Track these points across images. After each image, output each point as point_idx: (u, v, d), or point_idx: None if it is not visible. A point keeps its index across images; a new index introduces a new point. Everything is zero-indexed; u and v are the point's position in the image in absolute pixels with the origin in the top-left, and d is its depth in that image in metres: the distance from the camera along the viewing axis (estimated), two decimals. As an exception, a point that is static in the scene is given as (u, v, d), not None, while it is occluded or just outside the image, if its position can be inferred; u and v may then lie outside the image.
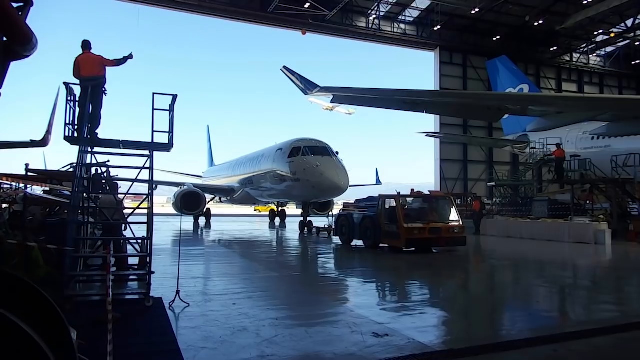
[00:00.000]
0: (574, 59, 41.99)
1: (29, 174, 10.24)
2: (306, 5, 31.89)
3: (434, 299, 8.09)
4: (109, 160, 9.40)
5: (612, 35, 38.31)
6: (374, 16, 35.44)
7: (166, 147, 8.01)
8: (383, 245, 14.74)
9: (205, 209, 28.51)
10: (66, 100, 7.81)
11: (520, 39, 38.46)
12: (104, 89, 8.20)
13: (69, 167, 12.89)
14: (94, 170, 9.76)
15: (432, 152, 39.03)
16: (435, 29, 35.84)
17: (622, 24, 36.13)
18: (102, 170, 10.59)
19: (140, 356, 4.60)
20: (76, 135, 7.83)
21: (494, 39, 37.91)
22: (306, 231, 21.87)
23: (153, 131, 7.71)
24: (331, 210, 27.37)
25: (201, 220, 30.20)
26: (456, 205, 15.50)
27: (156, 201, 10.26)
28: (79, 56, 8.13)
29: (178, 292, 6.73)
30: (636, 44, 40.01)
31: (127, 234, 8.96)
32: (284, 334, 5.25)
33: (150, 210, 7.43)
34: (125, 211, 8.94)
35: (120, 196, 9.51)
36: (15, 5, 2.44)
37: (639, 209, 21.50)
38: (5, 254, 6.83)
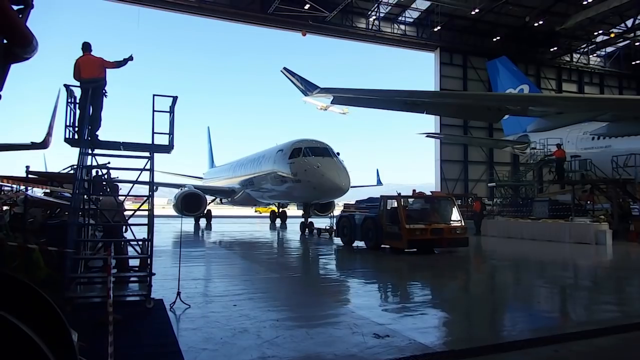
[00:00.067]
0: (574, 60, 42.01)
1: (30, 176, 10.25)
2: (306, 7, 31.93)
3: (435, 299, 8.07)
4: (109, 162, 9.43)
5: (612, 35, 38.34)
6: (374, 17, 35.47)
7: (166, 149, 8.01)
8: (384, 246, 14.71)
9: (206, 211, 28.48)
10: (66, 102, 7.80)
11: (521, 39, 38.46)
12: (104, 91, 8.19)
13: (69, 169, 12.90)
14: (95, 172, 9.78)
15: (433, 153, 39.07)
16: (435, 29, 35.90)
17: (622, 24, 36.14)
18: (103, 172, 10.62)
19: (141, 358, 4.60)
20: (76, 137, 7.81)
21: (494, 39, 37.94)
22: (307, 232, 21.84)
23: (153, 133, 7.71)
24: (332, 211, 27.39)
25: (202, 222, 30.21)
26: (457, 206, 15.47)
27: (157, 203, 10.27)
28: (79, 58, 8.11)
29: (179, 294, 6.73)
30: (636, 44, 40.01)
31: (128, 235, 8.97)
32: (285, 335, 5.25)
33: (150, 212, 7.42)
34: (126, 213, 8.95)
35: (121, 198, 9.52)
36: (16, 7, 2.44)
37: (639, 209, 21.49)
38: (6, 255, 6.84)
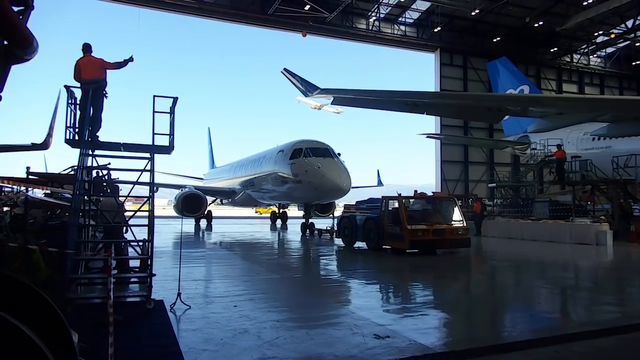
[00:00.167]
0: (575, 60, 42.00)
1: (30, 177, 10.28)
2: (306, 8, 31.94)
3: (435, 300, 8.06)
4: (109, 163, 9.44)
5: (613, 36, 38.33)
6: (374, 18, 35.47)
7: (167, 150, 8.02)
8: (386, 247, 14.67)
9: (206, 211, 28.46)
10: (67, 103, 7.81)
11: (521, 40, 38.45)
12: (104, 92, 8.19)
13: (69, 170, 12.92)
14: (95, 173, 9.79)
15: (433, 154, 39.07)
16: (435, 30, 35.92)
17: (623, 25, 36.12)
18: (103, 172, 10.63)
19: (141, 358, 4.61)
20: (77, 138, 7.83)
21: (494, 40, 37.95)
22: (308, 233, 21.83)
23: (154, 134, 7.71)
24: (333, 212, 27.39)
25: (202, 223, 30.20)
26: (459, 206, 15.44)
27: (157, 203, 10.27)
28: (80, 59, 8.11)
29: (179, 295, 6.72)
30: (636, 44, 40.02)
31: (128, 236, 8.98)
32: (285, 335, 5.25)
33: (151, 213, 7.43)
34: (126, 213, 8.94)
35: (121, 199, 9.52)
36: (16, 8, 2.44)
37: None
38: (7, 256, 6.86)
